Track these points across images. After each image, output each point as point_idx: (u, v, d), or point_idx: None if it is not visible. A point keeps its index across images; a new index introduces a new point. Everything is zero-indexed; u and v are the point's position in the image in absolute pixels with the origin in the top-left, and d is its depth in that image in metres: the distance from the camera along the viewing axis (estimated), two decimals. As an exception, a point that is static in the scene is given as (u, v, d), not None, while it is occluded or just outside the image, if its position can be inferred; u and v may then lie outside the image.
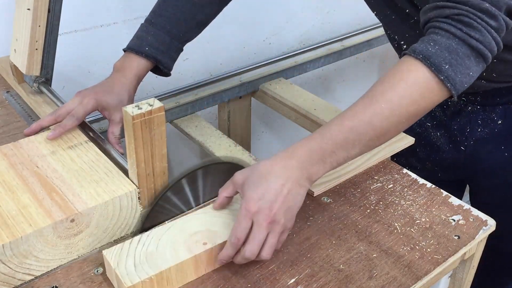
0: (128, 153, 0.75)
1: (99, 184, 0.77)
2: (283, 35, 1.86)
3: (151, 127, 0.72)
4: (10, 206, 0.72)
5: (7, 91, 1.14)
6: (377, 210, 0.85)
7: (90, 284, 0.71)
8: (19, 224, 0.69)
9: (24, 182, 0.77)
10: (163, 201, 0.80)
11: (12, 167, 0.80)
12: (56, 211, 0.72)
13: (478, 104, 1.04)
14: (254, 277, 0.72)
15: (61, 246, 0.72)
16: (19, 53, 1.04)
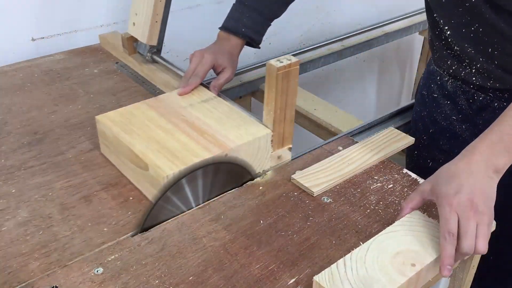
0: (266, 101, 0.89)
1: (240, 128, 0.91)
2: (283, 35, 1.86)
3: (289, 78, 0.86)
4: (173, 144, 0.87)
5: (116, 62, 1.31)
6: (377, 210, 0.85)
7: (90, 284, 0.71)
8: (186, 156, 0.84)
9: (176, 127, 0.92)
10: (163, 201, 0.80)
11: (161, 116, 0.95)
12: (213, 147, 0.86)
13: (505, 101, 1.03)
14: (254, 277, 0.73)
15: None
16: (138, 26, 1.21)
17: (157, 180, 0.80)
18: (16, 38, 1.32)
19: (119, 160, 0.91)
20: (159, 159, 0.83)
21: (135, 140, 0.87)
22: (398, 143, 1.01)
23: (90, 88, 1.20)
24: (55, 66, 1.29)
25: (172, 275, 0.72)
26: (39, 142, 1.00)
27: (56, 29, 1.38)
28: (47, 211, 0.83)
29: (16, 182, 0.89)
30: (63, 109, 1.11)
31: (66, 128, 1.05)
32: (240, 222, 0.82)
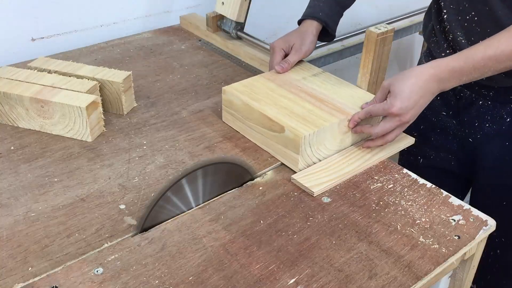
0: (362, 64, 1.03)
1: (353, 97, 1.01)
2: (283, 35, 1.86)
3: (385, 43, 0.99)
4: (300, 110, 0.96)
5: (199, 40, 1.46)
6: (377, 210, 0.85)
7: (90, 284, 0.71)
8: (316, 120, 0.93)
9: (297, 96, 1.01)
10: (163, 201, 0.80)
11: (280, 87, 1.04)
12: (336, 113, 0.96)
13: (489, 99, 1.04)
14: (254, 277, 0.72)
15: (338, 139, 0.96)
16: (227, 4, 1.34)
17: (294, 140, 0.90)
18: (16, 38, 1.32)
19: (245, 126, 1.01)
20: (292, 122, 0.92)
21: (265, 106, 0.97)
22: (398, 143, 1.01)
23: (183, 61, 1.33)
24: (145, 43, 1.42)
25: (172, 275, 0.72)
26: (153, 105, 1.14)
27: (56, 29, 1.38)
28: (179, 158, 0.96)
29: (145, 135, 1.03)
30: (165, 78, 1.25)
31: (173, 93, 1.18)
32: (240, 222, 0.82)
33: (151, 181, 0.90)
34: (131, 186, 0.89)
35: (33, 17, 1.33)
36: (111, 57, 1.33)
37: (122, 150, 0.98)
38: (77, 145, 0.99)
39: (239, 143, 1.01)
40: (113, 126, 1.06)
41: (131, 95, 1.11)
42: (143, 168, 0.94)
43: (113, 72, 1.08)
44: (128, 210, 0.84)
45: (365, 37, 0.99)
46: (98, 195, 0.87)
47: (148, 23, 1.54)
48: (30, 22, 1.33)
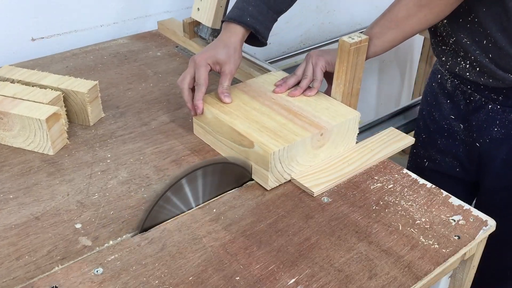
0: (336, 75, 0.98)
1: (329, 110, 0.97)
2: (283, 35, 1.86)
3: (359, 53, 0.95)
4: (272, 124, 0.93)
5: (176, 46, 1.41)
6: (377, 210, 0.85)
7: (90, 284, 0.71)
8: (287, 135, 0.89)
9: (270, 109, 0.98)
10: (163, 201, 0.80)
11: (254, 98, 1.01)
12: (309, 127, 0.92)
13: (498, 103, 1.04)
14: (254, 277, 0.72)
15: (311, 154, 0.92)
16: (203, 11, 1.30)
17: (264, 156, 0.86)
18: (16, 38, 1.32)
19: (215, 139, 0.97)
20: (263, 137, 0.88)
21: (235, 120, 0.93)
22: (398, 143, 1.00)
23: (157, 68, 1.29)
24: (121, 49, 1.39)
25: (172, 275, 0.72)
26: (122, 115, 1.10)
27: (56, 29, 1.38)
28: (144, 172, 0.93)
29: (110, 148, 0.99)
30: (137, 87, 1.21)
31: (144, 103, 1.14)
32: (240, 222, 0.82)
33: (111, 198, 0.86)
34: (90, 203, 0.85)
35: (33, 17, 1.33)
36: (84, 64, 1.29)
37: (85, 164, 0.94)
38: (38, 158, 0.95)
39: (208, 156, 0.97)
40: (78, 138, 1.01)
41: (98, 105, 1.07)
42: (104, 183, 0.90)
43: (79, 82, 1.04)
44: (84, 230, 0.80)
45: (338, 46, 0.95)
46: (54, 213, 0.83)
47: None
48: (30, 22, 1.33)
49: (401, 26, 0.95)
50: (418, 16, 0.93)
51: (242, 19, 1.01)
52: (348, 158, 0.96)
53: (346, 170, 0.93)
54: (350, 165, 0.94)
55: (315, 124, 0.92)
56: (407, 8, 0.93)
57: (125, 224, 0.81)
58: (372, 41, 0.97)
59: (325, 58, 1.01)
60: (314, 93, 1.01)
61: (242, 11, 1.02)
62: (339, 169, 0.93)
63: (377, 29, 0.97)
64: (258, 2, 1.03)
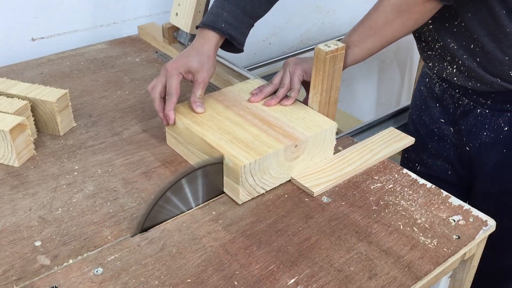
0: (313, 84, 0.94)
1: (305, 120, 0.94)
2: (283, 35, 1.86)
3: (335, 62, 0.92)
4: (245, 135, 0.89)
5: (155, 52, 1.38)
6: (377, 210, 0.85)
7: (90, 284, 0.71)
8: (259, 147, 0.86)
9: (244, 119, 0.94)
10: (163, 201, 0.80)
11: (228, 108, 0.98)
12: (283, 138, 0.89)
13: (487, 107, 1.03)
14: (254, 277, 0.72)
15: (285, 166, 0.89)
16: (181, 16, 1.27)
17: (234, 169, 0.83)
18: (16, 38, 1.32)
19: (187, 151, 0.94)
20: (234, 150, 0.85)
21: (207, 131, 0.90)
22: (398, 143, 1.00)
23: (135, 75, 1.26)
24: (98, 55, 1.36)
25: (172, 275, 0.72)
26: (94, 124, 1.06)
27: (56, 29, 1.38)
28: (112, 185, 0.89)
29: (79, 159, 0.96)
30: (112, 94, 1.17)
31: (118, 111, 1.11)
32: (240, 222, 0.82)
33: (75, 213, 0.83)
34: (52, 219, 0.82)
35: (33, 17, 1.33)
36: (59, 70, 1.26)
37: (50, 177, 0.91)
38: (2, 170, 0.92)
39: (180, 167, 0.94)
40: (46, 149, 0.98)
41: (69, 115, 1.03)
42: (69, 197, 0.86)
43: (48, 91, 1.00)
44: (43, 248, 0.76)
45: (314, 55, 0.91)
46: (13, 230, 0.79)
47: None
48: (30, 22, 1.33)
49: (380, 33, 0.93)
50: (397, 22, 0.91)
51: (216, 25, 0.98)
52: (348, 158, 0.96)
53: (346, 170, 0.93)
54: (350, 165, 0.94)
55: (290, 135, 0.89)
56: (385, 14, 0.91)
57: (86, 242, 0.77)
58: (351, 49, 0.95)
59: (302, 67, 0.98)
60: (290, 103, 0.98)
61: (216, 17, 0.99)
62: (339, 169, 0.93)
63: (356, 37, 0.95)
64: (232, 8, 1.00)
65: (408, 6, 0.88)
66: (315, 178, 0.90)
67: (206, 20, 1.00)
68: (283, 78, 0.99)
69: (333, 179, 0.90)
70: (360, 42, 0.95)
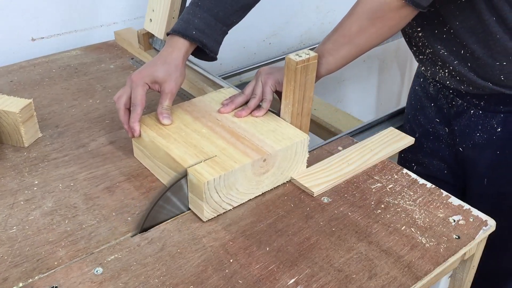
0: (284, 95, 0.91)
1: (276, 133, 0.90)
2: (283, 35, 1.86)
3: (307, 72, 0.88)
4: (211, 149, 0.86)
5: (131, 58, 1.34)
6: (377, 210, 0.85)
7: (90, 284, 0.71)
8: (225, 161, 0.82)
9: (212, 131, 0.91)
10: (163, 201, 0.80)
11: (196, 119, 0.94)
12: (251, 152, 0.85)
13: (480, 108, 1.03)
14: (254, 277, 0.72)
15: (254, 181, 0.85)
16: (155, 22, 1.23)
17: (197, 185, 0.79)
18: (16, 38, 1.32)
19: (153, 164, 0.90)
20: (198, 164, 0.82)
21: (172, 144, 0.87)
22: (398, 143, 1.00)
23: (108, 83, 1.22)
24: (72, 61, 1.32)
25: (172, 275, 0.72)
26: (60, 135, 1.02)
27: (56, 29, 1.38)
28: (72, 201, 0.85)
29: (40, 173, 0.91)
30: (83, 103, 1.14)
31: (86, 121, 1.07)
32: (240, 222, 0.82)
33: (30, 232, 0.79)
34: (6, 238, 0.77)
35: (33, 17, 1.33)
36: (30, 78, 1.22)
37: (8, 192, 0.86)
38: None
39: (145, 182, 0.90)
40: (7, 162, 0.94)
41: (34, 125, 0.99)
42: (26, 214, 0.82)
43: (12, 100, 0.97)
44: None
45: (285, 64, 0.87)
46: None
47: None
48: (30, 22, 1.33)
49: (354, 41, 0.90)
50: (371, 30, 0.88)
51: (187, 32, 0.95)
52: (348, 158, 0.96)
53: (346, 170, 0.93)
54: (350, 165, 0.94)
55: (258, 148, 0.85)
56: (359, 22, 0.88)
57: (39, 263, 0.74)
58: (325, 58, 0.92)
59: (274, 77, 0.95)
60: (262, 114, 0.94)
61: (187, 24, 0.96)
62: (339, 169, 0.93)
63: (330, 45, 0.92)
64: (204, 15, 0.97)
65: (382, 13, 0.86)
66: (315, 178, 0.90)
67: (177, 27, 0.96)
68: (255, 88, 0.96)
69: (333, 179, 0.90)
70: (334, 51, 0.91)
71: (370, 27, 0.88)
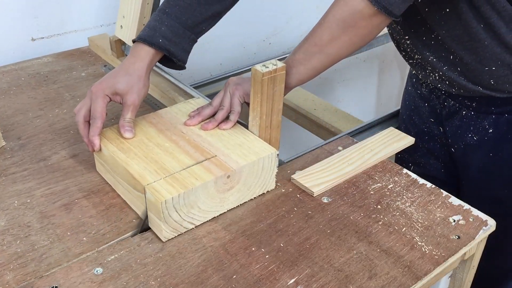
0: (252, 107, 0.87)
1: (242, 147, 0.86)
2: (283, 35, 1.86)
3: (275, 83, 0.84)
4: (173, 164, 0.82)
5: (104, 65, 1.30)
6: (377, 210, 0.85)
7: (90, 284, 0.71)
8: (186, 178, 0.79)
9: (176, 145, 0.87)
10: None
11: (161, 132, 0.90)
12: (214, 168, 0.81)
13: (472, 110, 1.03)
14: (254, 277, 0.72)
15: (217, 199, 0.81)
16: (126, 29, 1.19)
17: (155, 204, 0.75)
18: (16, 38, 1.32)
19: (114, 180, 0.87)
20: (157, 182, 0.78)
21: (132, 160, 0.83)
22: (398, 143, 1.01)
23: (77, 91, 1.17)
24: (42, 69, 1.27)
25: (172, 275, 0.72)
26: (21, 148, 0.97)
27: (56, 29, 1.38)
28: (26, 220, 0.81)
29: None
30: (48, 113, 1.09)
31: (50, 133, 1.02)
32: (240, 222, 0.82)
33: None
34: None
35: (33, 17, 1.33)
36: None
37: None
38: None
39: (105, 199, 0.85)
40: None
41: None
42: None
43: None
44: None
45: (251, 76, 0.83)
46: None
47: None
48: (30, 22, 1.33)
49: (325, 50, 0.87)
50: (343, 39, 0.85)
51: (153, 40, 0.91)
52: (348, 158, 0.96)
53: (346, 170, 0.93)
54: (350, 165, 0.94)
55: (222, 164, 0.82)
56: (330, 30, 0.85)
57: None
58: (296, 68, 0.89)
59: (243, 87, 0.91)
60: (230, 126, 0.90)
61: (153, 31, 0.92)
62: (339, 169, 0.93)
63: (301, 55, 0.89)
64: (172, 22, 0.93)
65: (354, 21, 0.83)
66: (315, 178, 0.90)
67: (143, 34, 0.92)
68: (223, 100, 0.92)
69: (333, 179, 0.90)
70: (305, 60, 0.88)
71: (342, 36, 0.85)
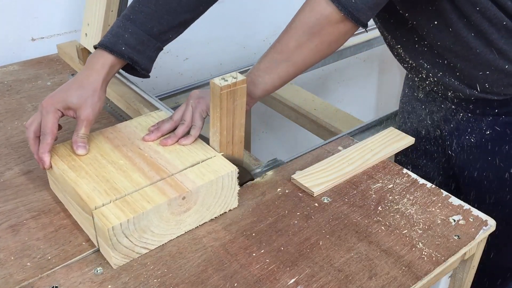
0: (211, 122, 0.82)
1: (201, 165, 0.82)
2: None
3: (235, 97, 0.79)
4: (125, 185, 0.77)
5: (72, 74, 1.25)
6: (377, 210, 0.85)
7: (90, 284, 0.71)
8: (138, 201, 0.74)
9: (131, 162, 0.82)
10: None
11: (116, 148, 0.86)
12: (168, 189, 0.76)
13: (469, 112, 1.03)
14: (254, 277, 0.72)
15: (173, 222, 0.77)
16: (90, 37, 1.15)
17: (103, 230, 0.70)
18: (16, 38, 1.32)
19: (66, 199, 0.82)
20: (106, 206, 0.73)
21: (82, 179, 0.78)
22: (398, 143, 1.01)
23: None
24: (7, 78, 1.22)
25: (172, 275, 0.72)
26: None
27: (56, 29, 1.38)
28: None
29: None
30: (7, 125, 1.05)
31: (7, 147, 0.98)
32: (240, 222, 0.82)
33: None
34: None
35: (33, 17, 1.33)
36: None
37: None
38: None
39: (55, 219, 0.81)
40: None
41: None
42: None
43: None
44: None
45: (210, 90, 0.79)
46: None
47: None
48: (30, 22, 1.33)
49: (291, 58, 0.83)
50: (309, 46, 0.81)
51: (115, 47, 0.87)
52: (348, 158, 0.96)
53: (346, 170, 0.93)
54: (350, 165, 0.94)
55: (178, 184, 0.77)
56: (296, 37, 0.82)
57: None
58: (261, 77, 0.85)
59: (205, 101, 0.87)
60: (190, 142, 0.86)
61: (116, 38, 0.88)
62: (339, 169, 0.93)
63: (267, 63, 0.85)
64: (136, 29, 0.89)
65: (320, 28, 0.80)
66: (315, 178, 0.90)
67: (104, 41, 0.88)
68: (184, 114, 0.88)
69: (333, 179, 0.90)
70: (270, 69, 0.84)
71: (308, 43, 0.81)
